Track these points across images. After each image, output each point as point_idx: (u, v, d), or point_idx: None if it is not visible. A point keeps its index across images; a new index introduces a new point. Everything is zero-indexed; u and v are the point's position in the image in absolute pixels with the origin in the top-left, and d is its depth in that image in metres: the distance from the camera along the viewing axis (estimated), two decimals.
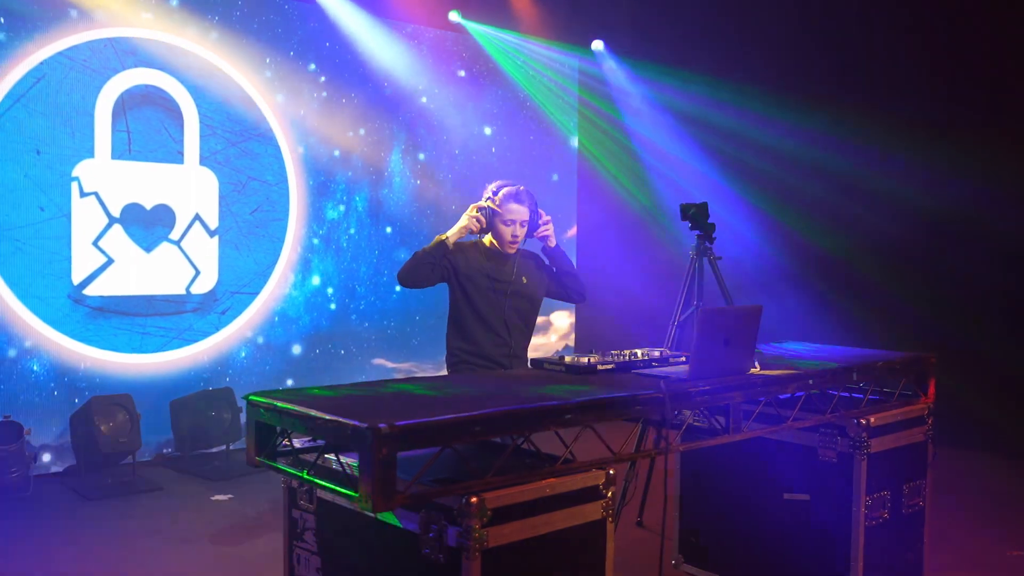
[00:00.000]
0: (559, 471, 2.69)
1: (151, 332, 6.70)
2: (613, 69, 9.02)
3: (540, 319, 9.15)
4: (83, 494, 5.87)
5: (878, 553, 3.81)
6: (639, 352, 3.62)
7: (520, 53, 8.84)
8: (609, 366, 3.37)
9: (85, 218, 6.39)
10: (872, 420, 3.71)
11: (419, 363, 8.28)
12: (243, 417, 6.73)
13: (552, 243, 4.18)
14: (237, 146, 7.05)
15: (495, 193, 4.13)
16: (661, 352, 3.63)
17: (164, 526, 5.33)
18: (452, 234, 4.05)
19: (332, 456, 2.78)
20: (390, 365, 8.08)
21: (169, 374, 6.79)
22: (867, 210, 6.93)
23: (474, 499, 2.43)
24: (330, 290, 7.68)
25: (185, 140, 6.79)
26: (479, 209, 4.08)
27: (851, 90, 7.21)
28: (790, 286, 6.72)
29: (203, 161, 6.88)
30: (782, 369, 3.50)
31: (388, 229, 8.01)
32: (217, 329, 7.01)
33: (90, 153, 6.39)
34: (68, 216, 6.33)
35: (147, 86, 6.61)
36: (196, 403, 6.58)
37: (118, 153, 6.50)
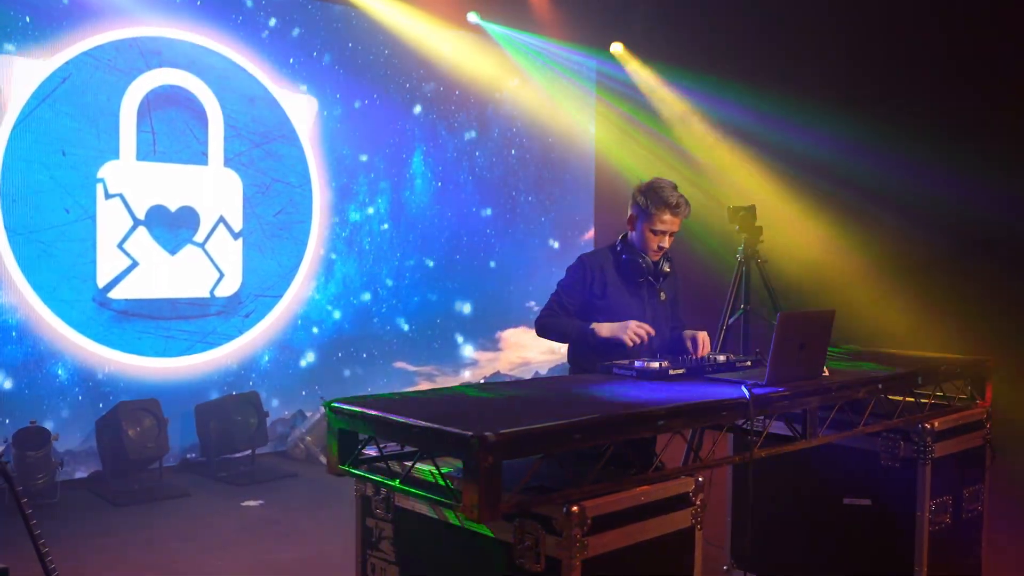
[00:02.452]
0: (651, 478, 2.65)
1: (175, 336, 6.62)
2: (633, 71, 8.97)
3: None
4: (111, 500, 5.79)
5: (939, 558, 3.77)
6: (704, 356, 3.58)
7: (539, 55, 8.79)
8: (680, 371, 3.32)
9: (110, 220, 6.31)
10: (936, 424, 3.68)
11: (439, 366, 8.22)
12: (269, 422, 6.69)
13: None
14: (261, 147, 6.98)
15: (650, 193, 3.80)
16: (727, 357, 3.58)
17: (197, 532, 5.25)
18: (604, 332, 3.69)
19: (416, 464, 2.72)
20: (411, 368, 8.02)
21: (193, 378, 6.71)
22: (914, 212, 6.82)
23: (575, 508, 2.38)
24: (354, 294, 7.61)
25: (209, 141, 6.71)
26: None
27: (895, 92, 7.04)
28: (834, 289, 6.66)
29: (227, 163, 6.81)
30: (848, 374, 3.46)
31: (409, 232, 7.95)
32: (241, 332, 6.94)
33: (115, 154, 6.31)
34: (93, 218, 6.24)
35: (172, 86, 6.54)
36: (222, 408, 6.50)
37: (143, 154, 6.42)
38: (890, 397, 3.62)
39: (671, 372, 3.30)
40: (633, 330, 3.59)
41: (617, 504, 2.51)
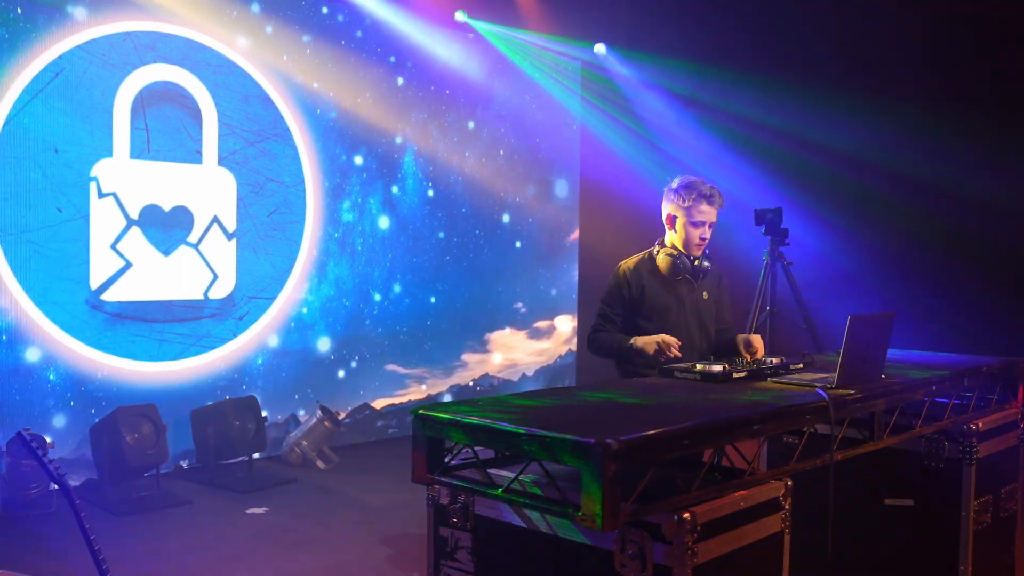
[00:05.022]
0: (747, 483, 2.63)
1: (169, 339, 6.44)
2: (617, 70, 8.97)
3: (545, 323, 9.10)
4: (109, 509, 5.60)
5: (980, 557, 3.81)
6: (756, 359, 3.58)
7: (526, 55, 8.75)
8: (742, 374, 3.32)
9: (103, 220, 6.11)
10: (980, 425, 3.72)
11: (431, 368, 8.13)
12: (268, 426, 6.54)
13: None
14: (255, 146, 6.83)
15: (683, 188, 3.90)
16: (781, 360, 3.58)
17: (205, 542, 5.11)
18: (640, 345, 3.79)
19: (496, 473, 2.67)
20: (402, 371, 7.92)
21: (187, 382, 6.54)
22: (936, 208, 6.80)
23: (687, 514, 2.35)
24: (347, 296, 7.49)
25: (204, 139, 6.54)
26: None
27: (901, 82, 6.99)
28: (852, 292, 6.70)
29: (222, 161, 6.65)
30: (902, 376, 3.48)
31: (401, 233, 7.85)
32: (235, 335, 6.78)
33: (108, 152, 6.11)
34: (86, 218, 6.04)
35: (166, 83, 6.36)
36: (219, 413, 6.34)
37: (137, 152, 6.24)
38: (937, 399, 3.66)
39: (734, 376, 3.28)
40: (660, 346, 3.70)
41: (721, 510, 2.48)
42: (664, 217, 4.04)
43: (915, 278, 6.74)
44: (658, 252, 4.02)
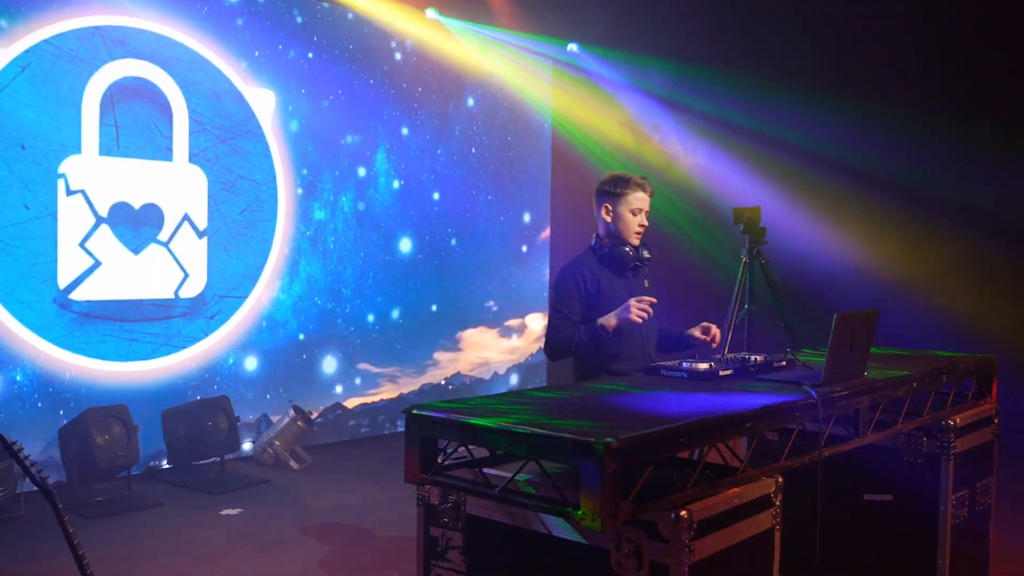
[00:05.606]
0: (740, 480, 2.64)
1: (139, 338, 6.34)
2: (591, 65, 8.99)
3: (516, 321, 9.10)
4: (80, 512, 5.50)
5: (957, 550, 3.87)
6: (739, 357, 3.59)
7: (497, 52, 8.74)
8: (729, 371, 3.33)
9: (72, 217, 6.00)
10: (958, 421, 3.78)
11: (403, 367, 8.10)
12: (240, 426, 6.48)
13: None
14: (227, 143, 6.75)
15: (616, 181, 4.01)
16: (765, 357, 3.60)
17: (179, 544, 5.04)
18: (612, 323, 3.79)
19: (492, 472, 2.66)
20: (374, 370, 7.87)
21: (157, 382, 6.44)
22: (911, 207, 6.89)
23: (684, 512, 2.35)
24: (319, 294, 7.43)
25: (174, 136, 6.45)
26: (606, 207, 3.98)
27: (902, 82, 7.08)
28: (829, 290, 6.77)
29: (192, 159, 6.56)
30: (884, 373, 3.52)
31: (373, 231, 7.81)
32: (206, 335, 6.69)
33: (77, 148, 6.01)
34: (54, 215, 5.93)
35: (136, 78, 6.26)
36: (191, 413, 6.26)
37: (106, 149, 6.13)
38: (918, 395, 3.71)
39: (721, 373, 3.30)
40: (636, 309, 3.69)
41: (715, 508, 2.49)
42: (600, 213, 4.09)
43: (891, 276, 6.84)
44: (599, 247, 4.05)
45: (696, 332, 3.97)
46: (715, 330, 3.94)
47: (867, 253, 7.05)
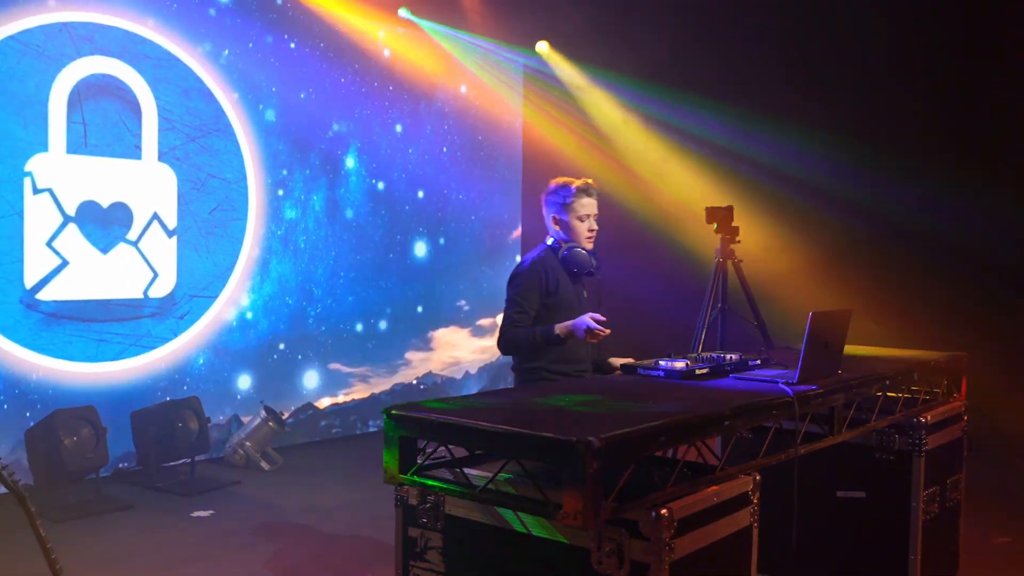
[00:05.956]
0: (719, 478, 2.66)
1: (108, 339, 6.26)
2: (560, 70, 9.00)
3: (488, 321, 9.09)
4: (48, 516, 5.40)
5: (928, 545, 3.92)
6: (714, 355, 3.62)
7: (469, 51, 8.72)
8: (704, 371, 3.36)
9: (38, 216, 5.91)
10: (929, 418, 3.83)
11: (374, 367, 8.06)
12: (210, 427, 6.42)
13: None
14: (196, 141, 6.68)
15: (561, 189, 4.02)
16: (739, 356, 3.63)
17: (150, 547, 4.98)
18: (567, 331, 3.76)
19: (472, 472, 2.65)
20: (346, 370, 7.83)
21: (127, 383, 6.37)
22: (882, 207, 6.95)
23: (664, 511, 2.36)
24: (290, 294, 7.38)
25: (143, 134, 6.38)
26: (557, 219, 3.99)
27: (852, 94, 7.21)
28: (801, 289, 6.82)
29: (162, 157, 6.49)
30: (855, 371, 3.56)
31: (344, 231, 7.77)
32: (175, 335, 6.62)
33: (44, 147, 5.92)
34: (20, 214, 5.84)
35: (104, 75, 6.18)
36: (161, 414, 6.19)
37: (73, 147, 6.05)
38: (887, 394, 3.75)
39: (697, 372, 3.32)
40: (592, 329, 3.66)
41: (695, 506, 2.51)
42: (550, 221, 4.10)
43: (862, 275, 6.92)
44: (563, 247, 4.04)
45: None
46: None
47: (840, 250, 7.13)
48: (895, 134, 7.06)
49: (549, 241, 4.09)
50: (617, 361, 3.97)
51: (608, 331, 3.68)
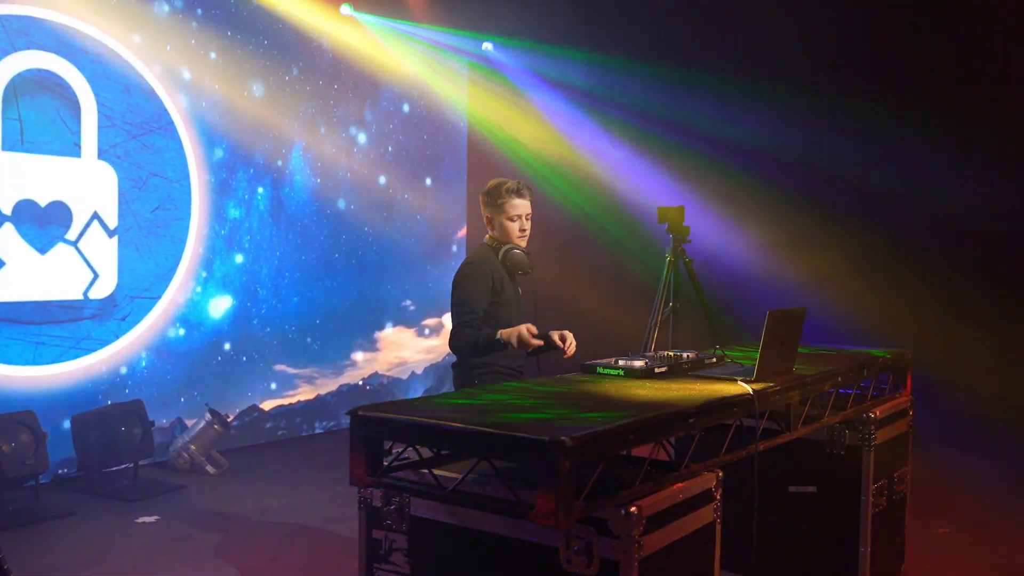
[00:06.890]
0: (684, 475, 2.68)
1: (46, 342, 6.09)
2: (507, 62, 9.01)
3: (434, 321, 9.06)
4: None
5: (877, 538, 4.02)
6: (671, 354, 3.66)
7: (414, 49, 8.68)
8: (663, 369, 3.39)
9: None
10: (878, 413, 3.92)
11: (320, 368, 7.97)
12: (154, 431, 6.30)
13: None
14: (138, 139, 6.53)
15: (492, 190, 4.11)
16: (696, 354, 3.67)
17: (94, 555, 4.86)
18: (507, 338, 3.76)
19: (438, 472, 2.64)
20: (292, 371, 7.74)
21: (67, 387, 6.20)
22: (832, 204, 7.06)
23: (634, 508, 2.38)
24: (234, 294, 7.26)
25: (83, 132, 6.21)
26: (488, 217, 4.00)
27: (826, 77, 7.24)
28: (751, 288, 6.89)
29: (102, 155, 6.33)
30: (810, 368, 3.63)
31: (289, 230, 7.67)
32: (117, 337, 6.46)
33: None
34: None
35: (41, 70, 6.01)
36: (103, 418, 6.03)
37: (9, 144, 5.86)
38: (840, 390, 3.83)
39: (656, 371, 3.35)
40: (528, 340, 3.70)
41: (663, 503, 2.53)
42: (485, 220, 4.19)
43: (811, 274, 7.04)
44: (503, 248, 4.08)
45: (555, 337, 3.86)
46: (571, 340, 3.84)
47: (790, 249, 7.23)
48: (848, 124, 7.16)
49: (487, 239, 4.17)
50: (555, 335, 3.86)
51: (541, 342, 3.73)
